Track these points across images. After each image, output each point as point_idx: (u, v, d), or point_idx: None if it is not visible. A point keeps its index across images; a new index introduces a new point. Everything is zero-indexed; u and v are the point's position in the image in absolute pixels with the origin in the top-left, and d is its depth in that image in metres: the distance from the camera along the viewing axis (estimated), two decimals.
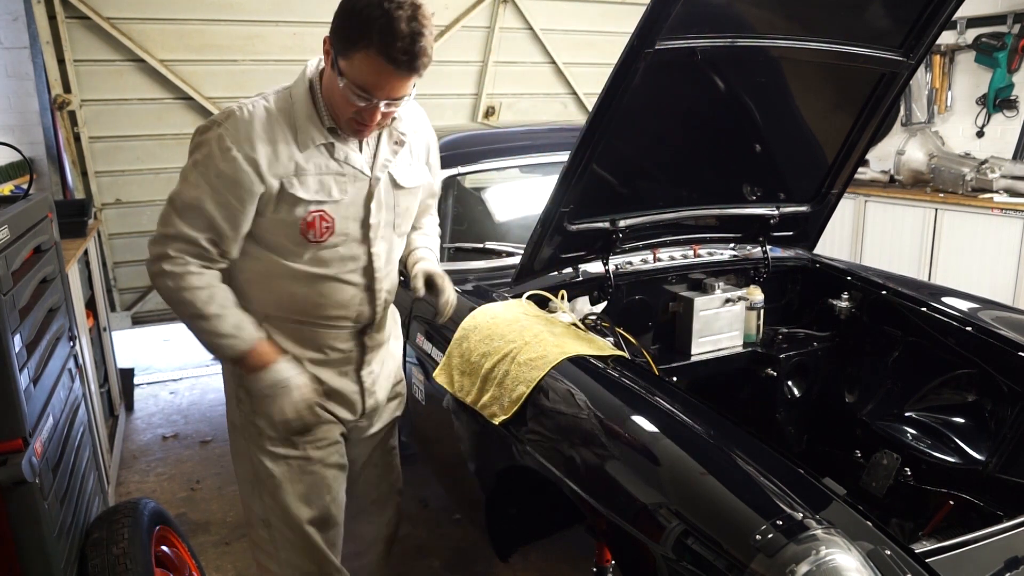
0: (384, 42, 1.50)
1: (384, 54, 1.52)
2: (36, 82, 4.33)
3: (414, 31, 1.51)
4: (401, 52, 1.52)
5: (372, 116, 1.63)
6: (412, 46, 1.52)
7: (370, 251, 1.81)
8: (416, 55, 1.54)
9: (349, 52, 1.54)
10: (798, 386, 2.78)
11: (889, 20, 2.35)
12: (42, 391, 1.77)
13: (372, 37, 1.50)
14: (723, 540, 1.32)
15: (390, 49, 1.51)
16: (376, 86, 1.57)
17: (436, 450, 2.66)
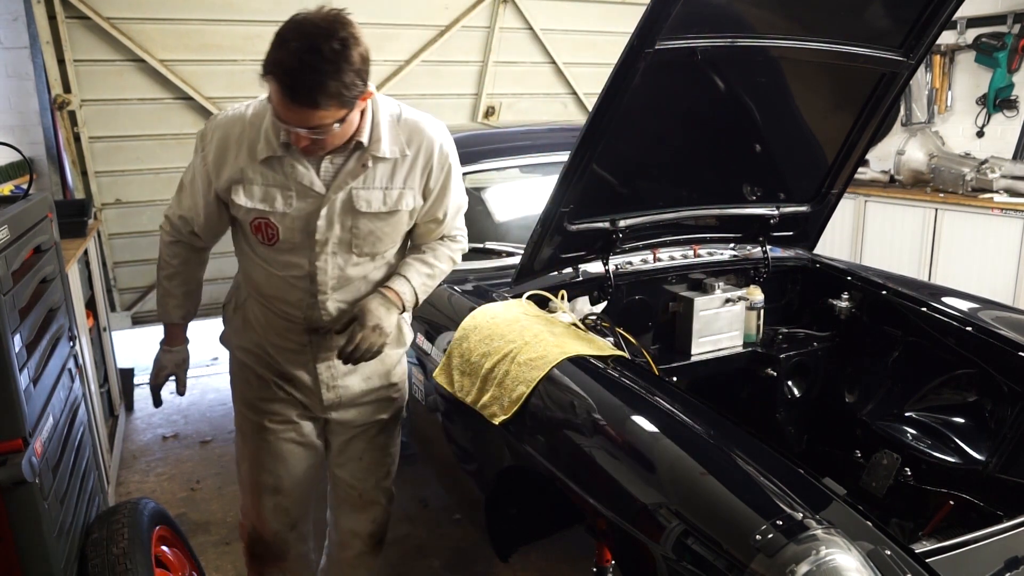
0: (278, 72, 1.56)
1: (280, 84, 1.57)
2: (36, 82, 4.33)
3: (308, 65, 1.54)
4: (292, 86, 1.56)
5: (298, 140, 1.68)
6: (303, 80, 1.55)
7: (314, 263, 1.89)
8: (310, 89, 1.55)
9: (265, 76, 1.60)
10: (798, 386, 2.78)
11: (889, 20, 2.35)
12: (42, 391, 1.77)
13: (272, 66, 1.57)
14: (723, 540, 1.32)
15: (283, 81, 1.56)
16: (283, 115, 1.62)
17: (436, 450, 2.66)
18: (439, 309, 2.55)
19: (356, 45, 1.61)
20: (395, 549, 2.98)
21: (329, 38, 1.56)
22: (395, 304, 1.94)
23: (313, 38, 1.55)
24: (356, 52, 1.61)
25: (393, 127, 1.85)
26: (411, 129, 1.88)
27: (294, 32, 1.57)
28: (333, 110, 1.61)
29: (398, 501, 3.30)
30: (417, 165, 1.89)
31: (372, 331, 1.87)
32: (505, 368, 1.96)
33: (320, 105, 1.58)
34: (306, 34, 1.56)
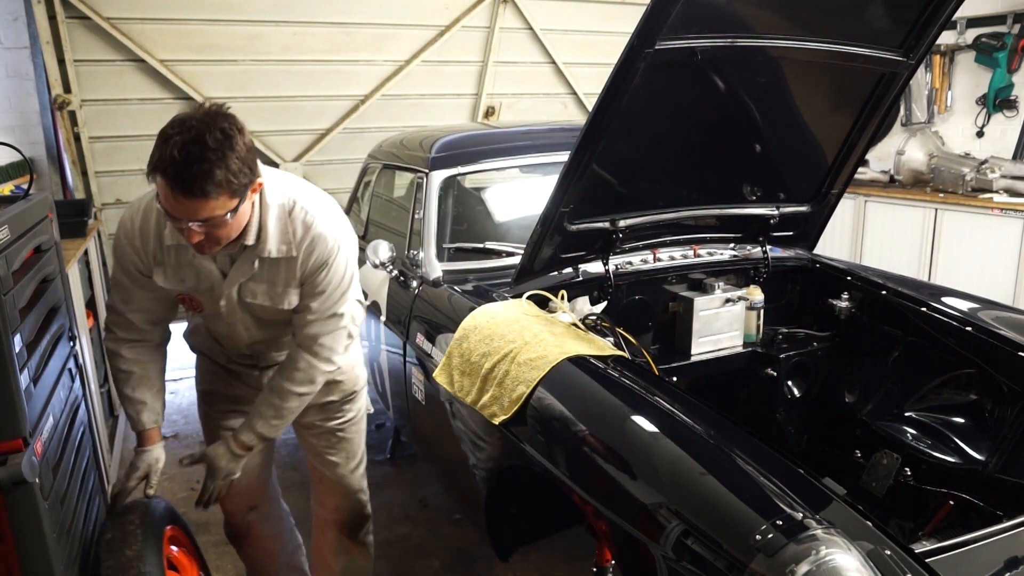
0: (164, 167, 1.58)
1: (167, 178, 1.58)
2: (36, 82, 4.33)
3: (193, 156, 1.56)
4: (180, 177, 1.57)
5: (191, 236, 1.69)
6: (190, 171, 1.56)
7: (231, 327, 2.02)
8: (197, 179, 1.57)
9: (151, 174, 1.62)
10: (798, 386, 2.78)
11: (889, 20, 2.35)
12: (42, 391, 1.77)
13: (157, 162, 1.59)
14: (723, 540, 1.32)
15: (170, 174, 1.58)
16: (173, 210, 1.64)
17: (436, 450, 2.66)
18: (439, 309, 2.55)
19: (239, 134, 1.62)
20: (395, 549, 2.98)
21: (212, 129, 1.58)
22: (241, 454, 2.03)
23: (196, 130, 1.57)
24: (240, 141, 1.62)
25: (283, 221, 1.84)
26: (303, 224, 1.85)
27: (176, 128, 1.59)
28: (223, 199, 1.62)
29: (398, 501, 3.32)
30: (292, 265, 1.88)
31: (222, 480, 2.06)
32: (505, 368, 1.96)
33: (209, 195, 1.58)
34: (188, 128, 1.58)
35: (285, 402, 1.99)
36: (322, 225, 1.87)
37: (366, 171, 3.81)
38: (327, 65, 5.02)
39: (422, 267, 2.72)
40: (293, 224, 1.85)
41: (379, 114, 5.25)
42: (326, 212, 1.90)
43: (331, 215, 1.91)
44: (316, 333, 1.95)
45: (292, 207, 1.85)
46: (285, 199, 1.85)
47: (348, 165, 5.10)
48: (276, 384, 2.00)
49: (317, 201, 1.91)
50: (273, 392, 2.00)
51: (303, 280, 1.90)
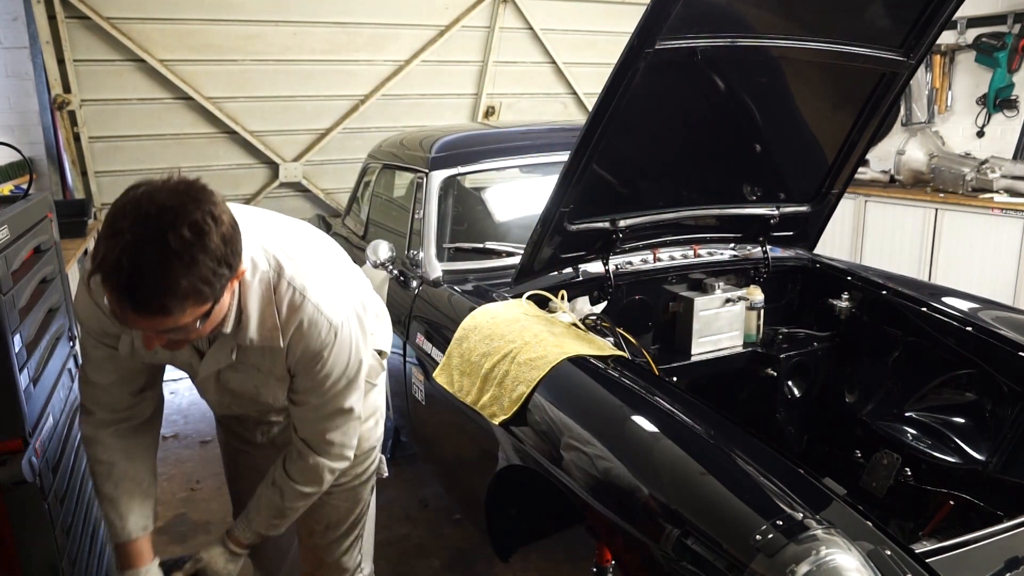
0: (111, 276, 1.18)
1: (113, 291, 1.19)
2: (36, 82, 4.33)
3: (151, 264, 1.17)
4: (131, 293, 1.18)
5: (150, 343, 1.32)
6: (146, 285, 1.18)
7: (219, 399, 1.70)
8: (156, 295, 1.19)
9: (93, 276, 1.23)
10: (798, 386, 2.78)
11: (889, 20, 2.35)
12: (42, 391, 1.77)
13: (102, 266, 1.19)
14: (723, 540, 1.32)
15: (118, 287, 1.18)
16: (119, 318, 1.25)
17: (436, 450, 2.66)
18: (439, 309, 2.55)
19: (216, 224, 1.22)
20: (395, 549, 2.98)
21: (177, 224, 1.17)
22: (240, 553, 1.72)
23: (156, 227, 1.17)
24: (215, 235, 1.21)
25: (267, 301, 1.46)
26: (289, 305, 1.47)
27: (129, 219, 1.18)
28: (191, 310, 1.24)
29: (398, 501, 3.32)
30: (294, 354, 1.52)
31: None
32: (505, 368, 1.96)
33: (172, 311, 1.22)
34: (146, 219, 1.17)
35: (288, 502, 1.67)
36: (314, 306, 1.48)
37: (366, 171, 3.81)
38: (327, 65, 5.02)
39: (422, 267, 2.72)
40: (279, 304, 1.46)
41: (379, 114, 5.25)
42: (320, 285, 1.51)
43: (326, 287, 1.53)
44: (322, 430, 1.62)
45: (278, 283, 1.46)
46: (270, 272, 1.46)
47: (348, 165, 5.10)
48: (279, 480, 1.66)
49: (310, 269, 1.51)
50: (275, 489, 1.67)
51: (294, 373, 1.56)
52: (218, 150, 4.91)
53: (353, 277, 1.76)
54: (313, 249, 1.61)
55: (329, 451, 1.64)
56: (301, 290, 1.47)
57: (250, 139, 4.91)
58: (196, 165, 4.85)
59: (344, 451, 1.67)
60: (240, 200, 5.08)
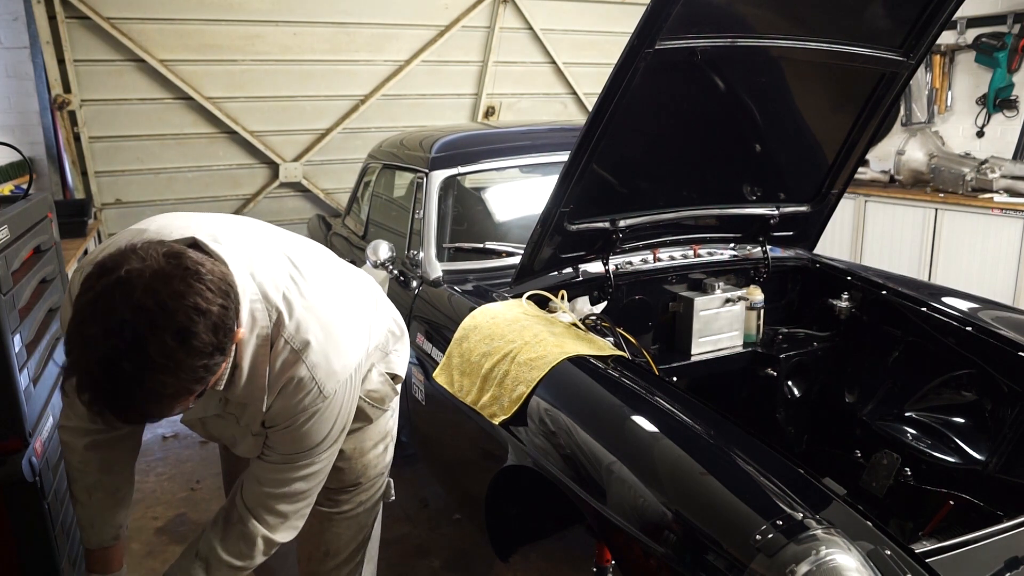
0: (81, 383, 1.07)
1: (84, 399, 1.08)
2: (36, 82, 4.33)
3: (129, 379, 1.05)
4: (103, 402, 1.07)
5: None
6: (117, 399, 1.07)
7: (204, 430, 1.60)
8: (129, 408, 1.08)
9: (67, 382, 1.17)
10: (798, 386, 2.78)
11: (889, 20, 2.35)
12: (42, 391, 1.77)
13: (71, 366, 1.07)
14: (723, 540, 1.31)
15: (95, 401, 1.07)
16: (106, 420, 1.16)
17: (436, 450, 2.66)
18: (439, 309, 2.55)
19: (204, 317, 1.08)
20: (395, 549, 2.98)
21: (157, 331, 1.04)
22: None
23: (132, 338, 1.03)
24: (205, 330, 1.09)
25: (261, 357, 1.35)
26: (283, 364, 1.36)
27: (102, 326, 1.02)
28: (181, 404, 1.15)
29: (398, 501, 3.31)
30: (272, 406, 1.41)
31: None
32: (505, 368, 1.96)
33: (158, 414, 1.15)
34: (120, 329, 1.02)
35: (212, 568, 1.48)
36: (308, 369, 1.37)
37: (366, 171, 3.81)
38: (327, 65, 5.03)
39: (422, 267, 2.72)
40: (273, 361, 1.35)
41: (379, 114, 5.25)
42: (322, 343, 1.39)
43: (331, 343, 1.41)
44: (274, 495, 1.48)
45: (275, 339, 1.35)
46: (269, 328, 1.34)
47: (348, 165, 5.11)
48: (203, 550, 1.49)
49: (317, 316, 1.40)
50: (199, 561, 1.49)
51: (269, 427, 1.45)
52: (218, 150, 4.91)
53: (371, 309, 1.65)
54: (329, 283, 1.47)
55: (271, 521, 1.49)
56: (299, 350, 1.36)
57: (250, 139, 4.91)
58: (196, 165, 4.86)
59: (278, 531, 1.50)
60: (240, 200, 5.09)
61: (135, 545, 2.99)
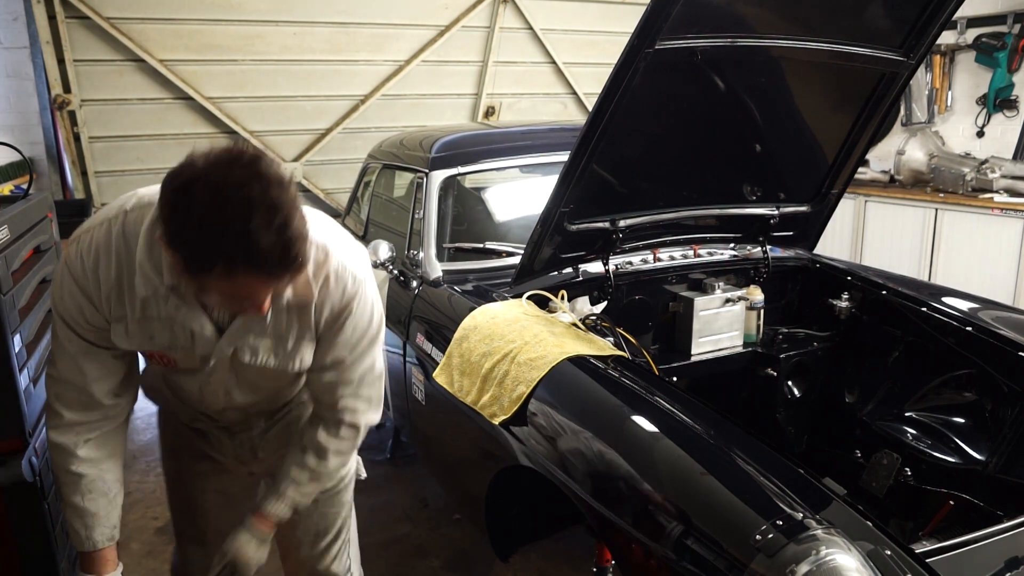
0: (251, 263, 1.19)
1: (256, 274, 1.21)
2: (36, 82, 4.33)
3: (284, 240, 1.19)
4: (276, 266, 1.22)
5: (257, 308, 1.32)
6: (286, 256, 1.21)
7: (203, 391, 1.60)
8: (292, 261, 1.23)
9: (203, 276, 1.22)
10: (798, 386, 2.78)
11: (889, 20, 2.35)
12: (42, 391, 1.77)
13: (236, 260, 1.18)
14: (723, 540, 1.32)
15: (261, 269, 1.21)
16: (249, 298, 1.28)
17: (436, 450, 2.66)
18: (439, 309, 2.55)
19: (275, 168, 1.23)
20: (395, 549, 2.98)
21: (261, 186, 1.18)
22: (269, 533, 1.64)
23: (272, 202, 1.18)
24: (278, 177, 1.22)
25: None
26: (316, 262, 1.43)
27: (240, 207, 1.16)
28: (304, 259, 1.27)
29: (398, 501, 3.31)
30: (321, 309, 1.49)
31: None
32: (505, 368, 1.96)
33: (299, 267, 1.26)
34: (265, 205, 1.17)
35: (324, 461, 1.62)
36: (339, 261, 1.48)
37: (366, 171, 3.81)
38: (327, 65, 5.03)
39: (422, 267, 2.72)
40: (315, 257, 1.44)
41: (379, 114, 5.25)
42: (338, 244, 1.51)
43: (344, 246, 1.53)
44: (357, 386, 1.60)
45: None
46: None
47: (348, 165, 5.10)
48: (312, 442, 1.62)
49: (326, 228, 1.52)
50: (308, 451, 1.62)
51: (321, 334, 1.53)
52: None
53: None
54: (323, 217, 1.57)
55: (363, 408, 1.62)
56: (323, 248, 1.44)
57: (250, 139, 4.91)
58: None
59: (377, 404, 1.66)
60: None
61: (135, 545, 2.99)
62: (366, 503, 3.31)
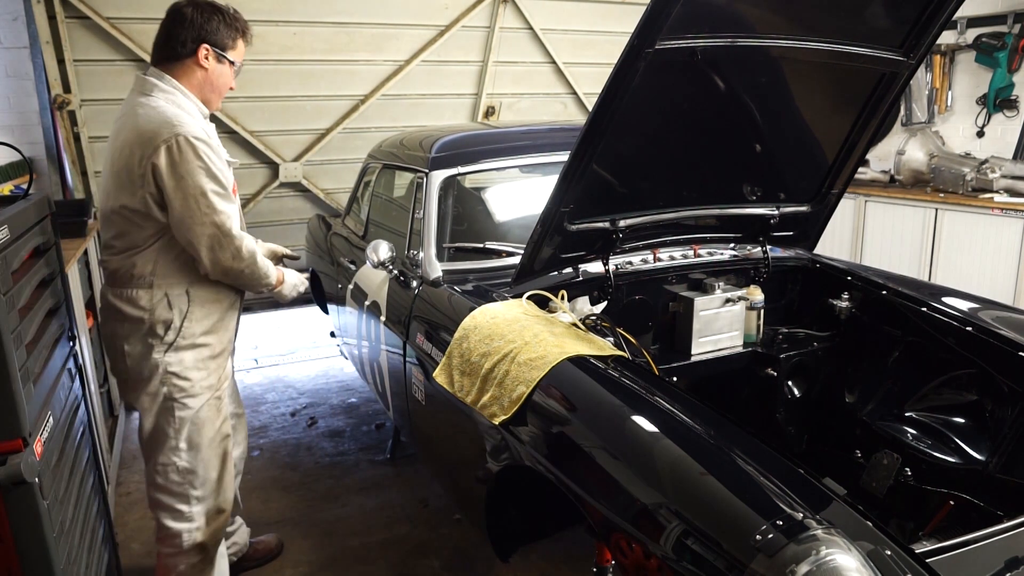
0: (245, 27, 2.31)
1: (245, 37, 2.32)
2: (36, 82, 4.33)
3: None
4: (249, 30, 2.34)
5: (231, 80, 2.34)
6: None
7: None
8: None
9: (233, 43, 2.26)
10: (798, 386, 2.78)
11: (889, 20, 2.35)
12: (42, 391, 1.77)
13: (242, 27, 2.29)
14: (723, 540, 1.31)
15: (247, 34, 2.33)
16: (242, 58, 2.33)
17: (436, 450, 2.66)
18: (439, 309, 2.55)
19: None
20: (395, 549, 2.98)
21: None
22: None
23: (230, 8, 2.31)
24: None
25: None
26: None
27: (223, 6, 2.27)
28: None
29: (398, 501, 3.32)
30: None
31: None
32: (505, 368, 1.96)
33: None
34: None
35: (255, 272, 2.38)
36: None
37: (366, 171, 3.81)
38: (327, 65, 5.02)
39: (422, 267, 2.72)
40: None
41: (379, 114, 5.25)
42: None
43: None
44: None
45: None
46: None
47: (348, 165, 5.10)
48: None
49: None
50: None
51: None
52: None
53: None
54: None
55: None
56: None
57: (250, 139, 4.90)
58: None
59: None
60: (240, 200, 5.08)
61: (135, 545, 2.99)
62: (366, 503, 3.32)
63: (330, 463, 3.68)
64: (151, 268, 2.18)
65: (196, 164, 2.08)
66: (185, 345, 2.22)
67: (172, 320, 2.20)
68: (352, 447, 3.86)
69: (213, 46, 2.19)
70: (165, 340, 2.19)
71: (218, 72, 2.23)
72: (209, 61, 2.19)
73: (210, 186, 2.11)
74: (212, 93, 2.26)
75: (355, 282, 3.30)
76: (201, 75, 2.21)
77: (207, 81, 2.22)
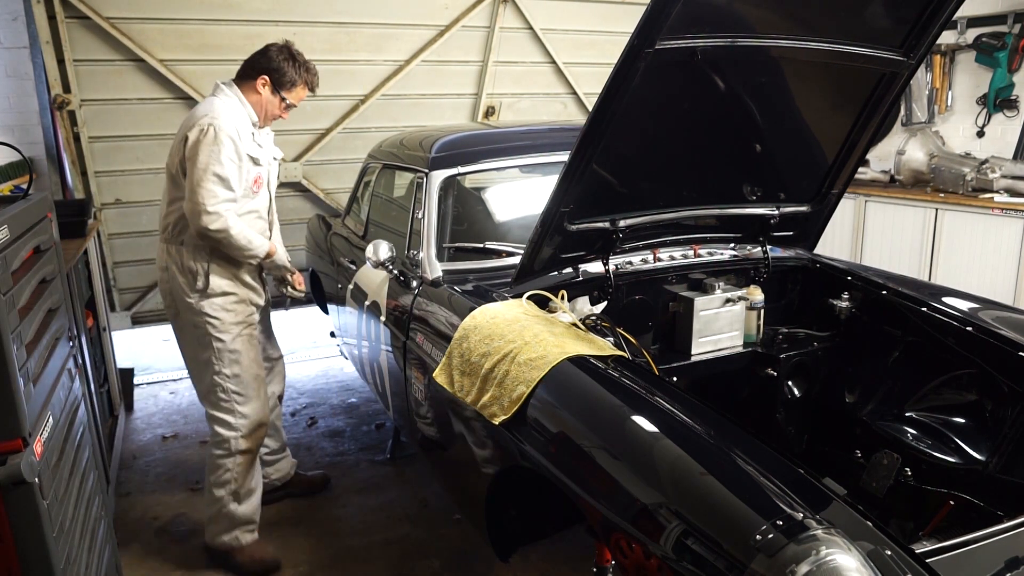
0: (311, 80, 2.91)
1: (310, 84, 2.92)
2: (36, 82, 4.33)
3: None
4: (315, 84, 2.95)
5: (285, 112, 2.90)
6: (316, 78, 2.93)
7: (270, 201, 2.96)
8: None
9: (292, 87, 2.84)
10: (798, 386, 2.78)
11: (889, 20, 2.35)
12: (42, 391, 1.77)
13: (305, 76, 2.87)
14: (723, 540, 1.31)
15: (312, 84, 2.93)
16: (299, 100, 2.90)
17: (436, 450, 2.66)
18: (439, 309, 2.55)
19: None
20: (395, 549, 2.98)
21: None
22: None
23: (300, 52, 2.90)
24: None
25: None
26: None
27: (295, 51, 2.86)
28: None
29: (398, 501, 3.32)
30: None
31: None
32: (505, 368, 1.96)
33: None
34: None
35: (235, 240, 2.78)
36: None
37: (366, 171, 3.81)
38: (327, 65, 5.00)
39: (422, 267, 2.72)
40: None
41: (379, 114, 5.25)
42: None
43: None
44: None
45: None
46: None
47: (348, 165, 5.10)
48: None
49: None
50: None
51: None
52: None
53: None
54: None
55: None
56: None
57: None
58: None
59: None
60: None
61: (135, 545, 2.99)
62: (366, 503, 3.32)
63: (330, 463, 3.68)
64: (183, 226, 2.71)
65: (212, 148, 2.57)
66: (215, 293, 2.75)
67: (197, 271, 2.73)
68: (352, 447, 3.86)
69: (272, 81, 2.78)
70: (197, 287, 2.73)
71: (269, 100, 2.80)
72: (265, 89, 2.78)
73: (214, 168, 2.57)
74: (262, 113, 2.82)
75: (355, 282, 3.30)
76: (255, 97, 2.79)
77: (259, 103, 2.80)
